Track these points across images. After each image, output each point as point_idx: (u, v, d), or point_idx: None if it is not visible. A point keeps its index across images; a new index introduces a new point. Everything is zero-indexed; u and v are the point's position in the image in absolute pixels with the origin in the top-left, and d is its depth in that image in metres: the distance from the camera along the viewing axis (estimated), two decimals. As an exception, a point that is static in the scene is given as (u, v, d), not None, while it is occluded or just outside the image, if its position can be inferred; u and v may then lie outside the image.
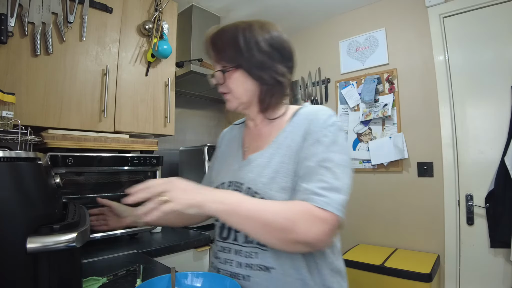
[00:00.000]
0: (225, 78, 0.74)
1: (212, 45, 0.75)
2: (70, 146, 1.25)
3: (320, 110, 0.74)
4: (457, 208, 1.68)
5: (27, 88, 1.21)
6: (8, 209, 0.55)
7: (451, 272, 1.66)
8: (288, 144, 0.71)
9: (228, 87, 0.74)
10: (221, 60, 0.74)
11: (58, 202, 0.72)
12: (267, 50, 0.72)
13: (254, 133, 0.82)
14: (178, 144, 2.15)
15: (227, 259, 0.72)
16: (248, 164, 0.74)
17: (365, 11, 2.12)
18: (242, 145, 0.84)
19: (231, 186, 0.75)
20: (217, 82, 0.76)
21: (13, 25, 1.15)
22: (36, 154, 0.65)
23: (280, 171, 0.69)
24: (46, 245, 0.53)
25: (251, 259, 0.68)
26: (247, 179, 0.72)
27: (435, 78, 1.79)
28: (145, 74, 1.62)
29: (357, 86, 2.10)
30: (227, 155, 0.87)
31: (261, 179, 0.69)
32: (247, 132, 0.86)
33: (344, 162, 0.66)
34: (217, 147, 0.97)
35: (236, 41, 0.71)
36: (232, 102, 0.77)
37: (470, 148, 1.68)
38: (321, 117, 0.71)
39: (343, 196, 0.62)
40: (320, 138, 0.68)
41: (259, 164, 0.72)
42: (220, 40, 0.74)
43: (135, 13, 1.59)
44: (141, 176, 1.50)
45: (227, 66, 0.73)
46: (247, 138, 0.84)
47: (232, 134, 0.92)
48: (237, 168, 0.77)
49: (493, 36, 1.63)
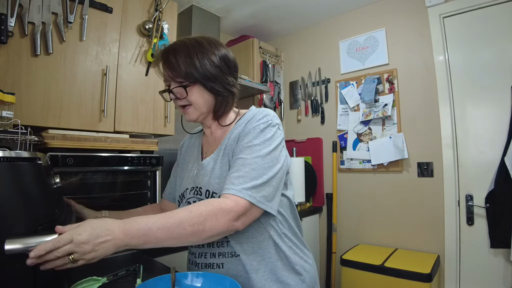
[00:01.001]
0: (186, 92, 0.79)
1: (166, 64, 0.79)
2: (70, 146, 1.25)
3: (258, 111, 0.82)
4: (457, 208, 1.68)
5: (27, 88, 1.21)
6: (8, 209, 0.55)
7: (451, 272, 1.66)
8: (231, 145, 0.80)
9: (189, 100, 0.80)
10: (177, 77, 0.79)
11: (58, 202, 0.72)
12: (218, 64, 0.80)
13: (210, 139, 0.90)
14: (178, 144, 2.14)
15: (201, 253, 0.81)
16: (202, 169, 0.82)
17: (365, 11, 2.12)
18: (201, 151, 0.92)
19: (193, 191, 0.83)
20: (177, 97, 0.81)
21: (13, 25, 1.15)
22: (36, 154, 0.65)
23: (226, 170, 0.77)
24: (27, 247, 0.52)
25: (222, 248, 0.78)
26: (204, 183, 0.80)
27: (435, 78, 1.79)
28: (145, 74, 1.62)
29: (357, 86, 2.10)
30: (187, 162, 0.95)
31: (214, 180, 0.78)
32: (205, 140, 0.94)
33: (261, 153, 0.73)
34: (178, 155, 1.05)
35: (191, 58, 0.77)
36: (193, 114, 0.82)
37: (470, 148, 1.68)
38: (256, 117, 0.80)
39: (254, 181, 0.69)
40: (248, 132, 0.77)
41: (211, 168, 0.80)
42: (175, 58, 0.78)
43: (135, 13, 1.59)
44: (141, 176, 1.50)
45: (184, 82, 0.78)
46: (205, 145, 0.92)
47: (191, 142, 1.01)
48: (195, 174, 0.85)
49: (493, 36, 1.63)
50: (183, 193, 0.88)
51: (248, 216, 0.69)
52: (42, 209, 0.62)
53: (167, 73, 0.80)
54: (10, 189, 0.56)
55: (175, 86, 0.80)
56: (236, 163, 0.73)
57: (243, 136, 0.78)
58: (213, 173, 0.79)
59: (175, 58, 0.78)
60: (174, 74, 0.78)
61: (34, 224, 0.58)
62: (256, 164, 0.71)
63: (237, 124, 0.83)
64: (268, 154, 0.73)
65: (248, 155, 0.72)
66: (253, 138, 0.75)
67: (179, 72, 0.78)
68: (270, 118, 0.80)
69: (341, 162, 2.16)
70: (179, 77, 0.78)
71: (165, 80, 0.83)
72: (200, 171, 0.83)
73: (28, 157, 0.62)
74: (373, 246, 1.93)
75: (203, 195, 0.80)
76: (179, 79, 0.79)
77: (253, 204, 0.68)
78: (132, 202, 1.46)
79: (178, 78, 0.79)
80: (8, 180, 0.56)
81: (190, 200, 0.84)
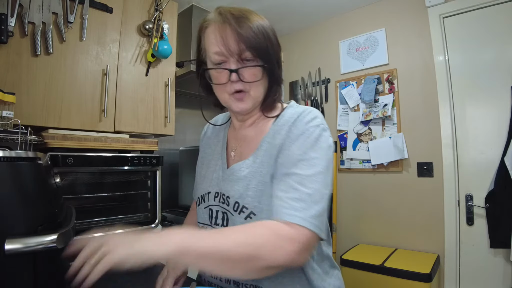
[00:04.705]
0: (262, 75, 0.65)
1: (244, 35, 0.61)
2: (70, 146, 1.26)
3: (304, 110, 0.68)
4: (457, 208, 1.68)
5: (27, 88, 1.21)
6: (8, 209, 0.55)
7: (451, 272, 1.66)
8: (271, 152, 0.66)
9: (250, 85, 0.65)
10: (254, 55, 0.63)
11: (58, 202, 0.72)
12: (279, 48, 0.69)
13: (239, 136, 0.76)
14: (178, 144, 2.15)
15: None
16: (232, 174, 0.69)
17: (365, 11, 2.12)
18: (226, 148, 0.77)
19: (217, 197, 0.70)
20: (240, 79, 0.64)
21: (13, 25, 1.15)
22: (36, 154, 0.65)
23: (268, 182, 0.63)
24: (27, 246, 0.52)
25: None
26: (233, 192, 0.66)
27: (435, 78, 1.79)
28: (145, 74, 1.62)
29: (357, 86, 2.10)
30: (209, 157, 0.81)
31: (248, 192, 0.64)
32: (232, 133, 0.79)
33: (321, 168, 0.60)
34: (200, 146, 0.89)
35: (268, 37, 0.65)
36: (249, 103, 0.67)
37: (470, 148, 1.68)
38: (304, 118, 0.66)
39: (317, 206, 0.56)
40: (298, 138, 0.63)
41: (245, 176, 0.66)
42: (254, 31, 0.62)
43: (135, 13, 1.59)
44: (141, 176, 1.50)
45: (252, 61, 0.64)
46: (232, 140, 0.78)
47: (214, 132, 0.85)
48: (221, 177, 0.72)
49: (493, 36, 1.63)
50: (203, 196, 0.75)
51: (310, 250, 0.58)
52: (42, 209, 0.62)
53: (238, 45, 0.62)
54: (10, 189, 0.56)
55: (243, 65, 0.63)
56: (291, 179, 0.59)
57: (290, 142, 0.63)
58: (249, 185, 0.65)
59: (254, 30, 0.62)
60: (251, 50, 0.62)
61: (34, 224, 0.58)
62: (317, 183, 0.58)
63: (277, 124, 0.69)
64: (327, 170, 0.60)
65: (305, 171, 0.59)
66: (308, 149, 0.61)
67: (259, 49, 0.63)
68: (321, 121, 0.66)
69: (341, 162, 2.16)
70: (256, 55, 0.63)
71: (218, 53, 0.63)
72: (229, 176, 0.69)
73: (28, 157, 0.62)
74: (373, 246, 1.93)
75: (231, 207, 0.66)
76: (252, 57, 0.63)
77: (317, 235, 0.56)
78: (132, 202, 1.46)
79: (251, 56, 0.63)
80: (8, 180, 0.56)
81: (213, 208, 0.71)
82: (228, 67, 0.64)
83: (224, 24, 0.62)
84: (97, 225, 1.30)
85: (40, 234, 0.55)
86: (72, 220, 0.66)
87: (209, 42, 0.65)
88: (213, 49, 0.64)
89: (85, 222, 1.27)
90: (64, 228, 0.59)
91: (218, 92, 0.69)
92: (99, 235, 0.51)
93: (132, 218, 1.43)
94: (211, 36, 0.64)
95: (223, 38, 0.62)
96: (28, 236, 0.54)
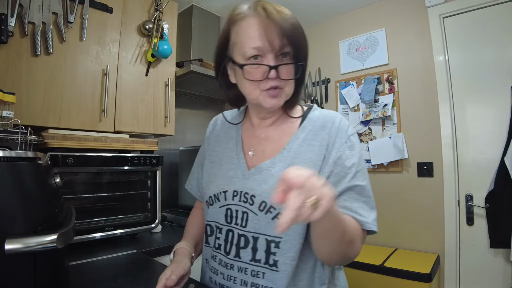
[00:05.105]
0: (300, 73, 0.66)
1: (290, 32, 0.62)
2: (70, 146, 1.26)
3: (335, 117, 0.70)
4: (457, 208, 1.68)
5: (27, 88, 1.21)
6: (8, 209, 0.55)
7: (451, 272, 1.66)
8: (308, 156, 0.66)
9: (285, 82, 0.65)
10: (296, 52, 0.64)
11: (58, 202, 0.72)
12: None
13: (259, 135, 0.74)
14: (178, 144, 2.15)
15: (230, 276, 0.67)
16: (258, 173, 0.67)
17: (365, 11, 2.12)
18: (241, 148, 0.75)
19: (237, 196, 0.68)
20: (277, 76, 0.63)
21: (13, 25, 1.15)
22: (36, 154, 0.65)
23: None
24: (26, 246, 0.52)
25: (257, 279, 0.64)
26: (260, 191, 0.65)
27: (435, 78, 1.78)
28: (145, 74, 1.62)
29: (357, 86, 2.10)
30: (221, 157, 0.78)
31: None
32: (246, 132, 0.77)
33: (367, 174, 0.68)
34: (204, 144, 0.86)
35: (304, 35, 0.66)
36: (281, 99, 0.66)
37: (470, 148, 1.68)
38: (343, 128, 0.68)
39: (374, 210, 0.66)
40: (346, 152, 0.66)
41: (273, 175, 0.65)
42: (298, 30, 0.63)
43: (135, 13, 1.59)
44: (141, 176, 1.50)
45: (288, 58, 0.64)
46: (249, 140, 0.75)
47: (223, 130, 0.82)
48: (242, 176, 0.69)
49: (493, 37, 1.62)
50: (217, 195, 0.72)
51: None
52: (42, 209, 0.62)
53: (281, 41, 0.61)
54: (10, 189, 0.56)
55: (286, 62, 0.63)
56: (355, 190, 0.64)
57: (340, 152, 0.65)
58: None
59: (296, 27, 0.63)
60: (293, 47, 0.63)
61: (34, 224, 0.58)
62: (370, 191, 0.66)
63: (305, 127, 0.70)
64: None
65: (363, 181, 0.65)
66: (359, 159, 0.66)
67: (299, 46, 0.64)
68: (352, 127, 0.71)
69: (341, 162, 2.16)
70: (296, 52, 0.64)
71: (258, 48, 0.61)
72: (253, 175, 0.68)
73: (28, 157, 0.62)
74: (373, 246, 1.93)
75: (255, 206, 0.65)
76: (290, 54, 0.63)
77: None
78: (132, 202, 1.46)
79: (289, 53, 0.63)
80: (8, 180, 0.56)
81: (232, 207, 0.69)
82: (265, 63, 0.62)
83: (268, 18, 0.61)
84: (97, 225, 1.30)
85: (40, 234, 0.55)
86: (72, 220, 0.66)
87: (245, 35, 0.63)
88: (251, 43, 0.62)
89: (85, 222, 1.27)
90: (64, 228, 0.59)
91: (249, 89, 0.66)
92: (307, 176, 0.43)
93: (132, 218, 1.43)
94: (249, 30, 0.62)
95: (266, 32, 0.60)
96: (28, 236, 0.54)
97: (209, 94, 2.30)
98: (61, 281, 0.69)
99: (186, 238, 0.82)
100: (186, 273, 0.70)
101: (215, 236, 0.72)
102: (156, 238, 1.48)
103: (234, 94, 0.73)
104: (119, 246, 1.30)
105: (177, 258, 0.73)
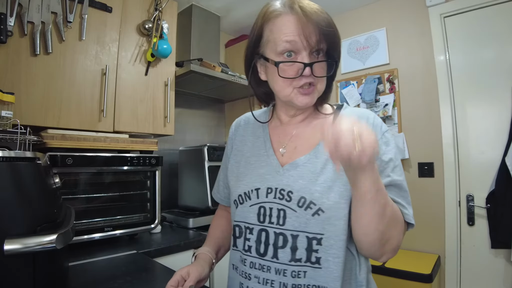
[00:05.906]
0: (333, 71, 0.67)
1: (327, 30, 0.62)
2: (69, 146, 1.25)
3: (369, 114, 0.70)
4: (458, 208, 1.68)
5: (27, 87, 1.20)
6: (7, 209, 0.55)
7: (451, 273, 1.66)
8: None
9: (318, 80, 0.65)
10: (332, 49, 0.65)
11: (57, 202, 0.71)
12: None
13: (289, 132, 0.73)
14: (178, 144, 2.14)
15: (267, 279, 0.63)
16: (294, 169, 0.66)
17: (365, 11, 2.11)
18: (271, 145, 0.73)
19: (271, 193, 0.66)
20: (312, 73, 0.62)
21: (12, 25, 1.14)
22: (35, 154, 0.64)
23: (337, 179, 0.62)
24: (26, 247, 0.52)
25: (298, 279, 0.60)
26: (298, 186, 0.63)
27: (436, 78, 1.78)
28: (145, 74, 1.61)
29: (357, 86, 2.10)
30: (249, 156, 0.76)
31: (316, 187, 0.62)
32: (276, 130, 0.76)
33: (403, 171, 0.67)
34: (229, 144, 0.85)
35: (338, 33, 0.66)
36: (314, 97, 0.66)
37: (471, 148, 1.68)
38: (377, 124, 0.68)
39: (411, 205, 0.65)
40: (382, 147, 0.65)
41: (310, 170, 0.64)
42: (330, 26, 0.63)
43: (135, 13, 1.58)
44: (140, 176, 1.50)
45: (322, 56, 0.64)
46: (278, 137, 0.74)
47: (248, 130, 0.81)
48: (275, 173, 0.68)
49: (494, 36, 1.62)
50: (248, 194, 0.69)
51: None
52: (42, 209, 0.62)
53: (317, 38, 0.61)
54: (9, 189, 0.56)
55: (320, 59, 0.64)
56: (394, 185, 0.64)
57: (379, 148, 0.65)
58: (317, 180, 0.63)
59: (333, 27, 0.64)
60: (329, 44, 0.64)
61: (33, 224, 0.58)
62: (407, 187, 0.66)
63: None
64: None
65: (400, 176, 0.64)
66: (395, 155, 0.66)
67: (334, 44, 0.64)
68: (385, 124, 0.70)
69: (341, 162, 2.16)
70: (331, 49, 0.64)
71: (293, 45, 0.62)
72: (288, 171, 0.67)
73: (28, 157, 0.62)
74: (373, 246, 1.93)
75: (293, 202, 0.63)
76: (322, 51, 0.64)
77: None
78: (131, 202, 1.46)
79: (324, 50, 0.64)
80: (7, 180, 0.56)
81: (266, 205, 0.66)
82: (300, 60, 0.62)
83: (305, 16, 0.61)
84: (97, 226, 1.29)
85: (39, 234, 0.55)
86: (71, 221, 0.65)
87: (280, 32, 0.63)
88: (286, 39, 0.62)
89: (84, 222, 1.26)
90: (63, 229, 0.59)
91: (281, 86, 0.66)
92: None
93: (131, 219, 1.42)
94: (284, 26, 0.63)
95: (304, 30, 0.61)
96: (27, 236, 0.53)
97: (209, 94, 2.29)
98: (61, 282, 0.69)
99: (208, 243, 0.81)
100: (202, 279, 0.69)
101: (244, 237, 0.69)
102: (155, 239, 1.48)
103: (263, 91, 0.74)
104: (119, 246, 1.29)
105: (198, 262, 0.73)
